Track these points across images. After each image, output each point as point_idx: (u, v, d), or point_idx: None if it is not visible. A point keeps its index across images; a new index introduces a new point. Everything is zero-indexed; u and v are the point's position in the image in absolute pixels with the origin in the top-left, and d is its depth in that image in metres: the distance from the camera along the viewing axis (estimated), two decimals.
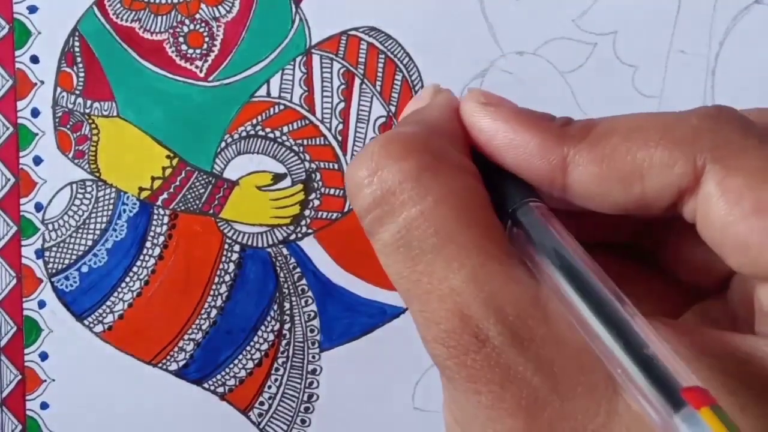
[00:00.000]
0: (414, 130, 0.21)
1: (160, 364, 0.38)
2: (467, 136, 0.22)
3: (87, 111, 0.38)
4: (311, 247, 0.38)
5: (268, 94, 0.38)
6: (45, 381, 0.39)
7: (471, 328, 0.18)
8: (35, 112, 0.38)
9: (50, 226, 0.39)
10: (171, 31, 0.38)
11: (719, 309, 0.22)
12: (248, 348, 0.38)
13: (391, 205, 0.19)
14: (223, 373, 0.38)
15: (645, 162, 0.19)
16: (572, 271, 0.19)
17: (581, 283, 0.18)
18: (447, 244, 0.19)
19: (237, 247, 0.38)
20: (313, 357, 0.38)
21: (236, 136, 0.38)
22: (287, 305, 0.38)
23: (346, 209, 0.38)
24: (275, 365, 0.39)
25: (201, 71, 0.38)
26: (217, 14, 0.38)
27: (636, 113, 0.21)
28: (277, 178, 0.38)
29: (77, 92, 0.38)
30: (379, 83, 0.38)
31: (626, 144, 0.19)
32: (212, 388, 0.39)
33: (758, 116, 0.20)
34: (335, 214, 0.38)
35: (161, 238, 0.38)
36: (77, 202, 0.38)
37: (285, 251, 0.38)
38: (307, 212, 0.38)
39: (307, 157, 0.38)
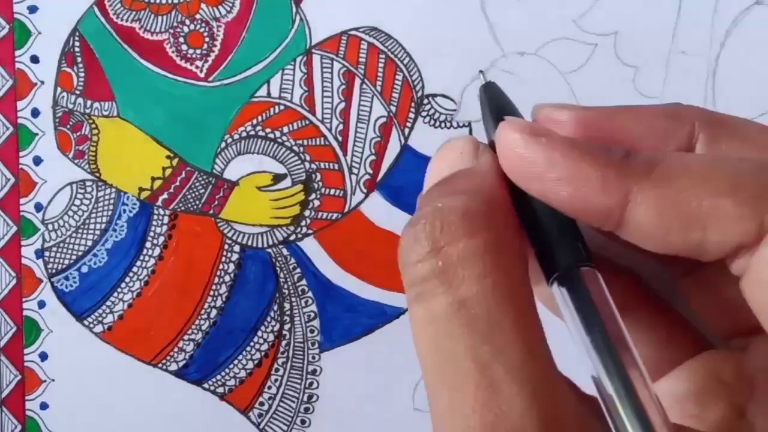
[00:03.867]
0: (478, 205, 0.20)
1: (160, 365, 0.38)
2: (508, 185, 0.21)
3: (87, 111, 0.38)
4: (311, 247, 0.38)
5: (269, 95, 0.38)
6: (45, 381, 0.39)
7: (506, 426, 0.18)
8: (35, 112, 0.38)
9: (50, 226, 0.39)
10: (171, 31, 0.38)
11: (730, 367, 0.22)
12: (248, 348, 0.38)
13: (449, 279, 0.19)
14: (223, 374, 0.38)
15: (712, 211, 0.18)
16: (611, 358, 0.19)
17: (617, 371, 0.18)
18: (494, 331, 0.18)
19: (237, 248, 0.38)
20: (313, 357, 0.38)
21: (236, 137, 0.38)
22: (287, 306, 0.38)
23: (346, 209, 0.38)
24: (275, 365, 0.38)
25: (201, 71, 0.38)
26: (218, 14, 0.38)
27: (708, 155, 0.20)
28: (277, 178, 0.38)
29: (77, 92, 0.38)
30: (379, 83, 0.38)
31: (694, 189, 0.19)
32: (212, 388, 0.39)
33: None
34: (335, 215, 0.38)
35: (161, 239, 0.38)
36: (77, 202, 0.38)
37: (285, 251, 0.38)
38: (307, 212, 0.38)
39: (308, 158, 0.38)
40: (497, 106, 0.24)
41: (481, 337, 0.18)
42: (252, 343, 0.38)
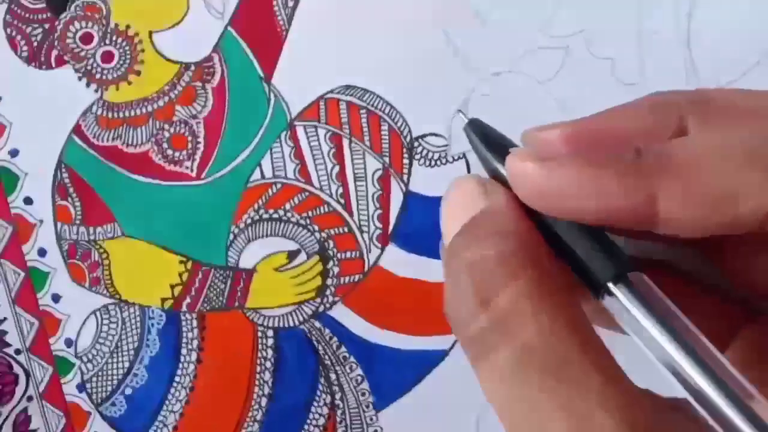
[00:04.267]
0: (511, 245, 0.20)
1: None
2: (534, 225, 0.21)
3: (92, 238, 0.38)
4: (342, 313, 0.38)
5: (263, 176, 0.38)
6: None
7: None
8: (42, 252, 0.39)
9: (84, 358, 0.39)
10: (153, 139, 0.38)
11: None
12: (306, 427, 0.38)
13: (506, 330, 0.18)
14: None
15: (739, 186, 0.18)
16: (690, 348, 0.18)
17: (701, 362, 0.18)
18: (567, 366, 0.18)
19: (270, 332, 0.38)
20: (371, 419, 0.38)
21: (242, 225, 0.38)
22: (333, 376, 0.38)
23: (366, 269, 0.38)
24: None
25: (192, 171, 0.38)
26: (194, 112, 0.38)
27: (711, 135, 0.20)
28: (292, 255, 0.38)
29: (78, 222, 0.38)
30: (367, 138, 0.38)
31: (716, 170, 0.19)
32: None
33: None
34: (357, 276, 0.38)
35: (195, 342, 0.38)
36: (105, 328, 0.39)
37: (318, 324, 0.38)
38: (329, 281, 0.38)
39: (316, 228, 0.38)
40: (489, 140, 0.25)
41: (556, 376, 0.18)
42: (308, 421, 0.38)
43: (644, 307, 0.19)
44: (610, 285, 0.20)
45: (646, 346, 0.19)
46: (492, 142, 0.24)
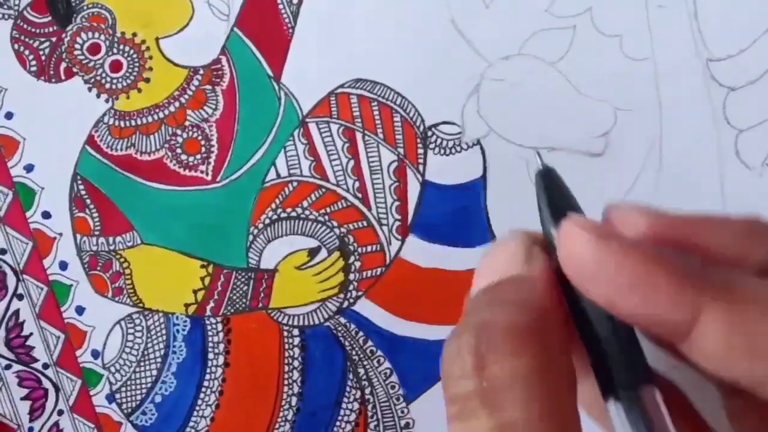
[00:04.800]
0: (527, 320, 0.19)
1: None
2: (563, 289, 0.20)
3: (112, 248, 0.38)
4: (366, 307, 0.38)
5: (278, 176, 0.38)
6: None
7: None
8: (63, 265, 0.39)
9: (112, 369, 0.39)
10: (167, 145, 0.38)
11: None
12: (338, 424, 0.38)
13: (492, 402, 0.18)
14: None
15: None
16: None
17: None
18: None
19: (296, 331, 0.38)
20: (402, 412, 0.38)
21: (261, 226, 0.38)
22: (361, 371, 0.38)
23: (387, 261, 0.38)
24: (368, 431, 0.38)
25: (207, 174, 0.38)
26: (205, 115, 0.38)
27: None
28: (313, 252, 0.38)
29: (97, 233, 0.38)
30: (380, 130, 0.38)
31: (766, 321, 0.17)
32: None
33: None
34: (379, 269, 0.38)
35: (221, 346, 0.38)
36: (130, 337, 0.39)
37: (343, 320, 0.38)
38: (351, 276, 0.38)
39: (335, 224, 0.38)
40: (557, 198, 0.22)
41: None
42: (340, 417, 0.38)
43: (638, 427, 0.19)
44: (616, 400, 0.19)
45: None
46: (559, 202, 0.22)
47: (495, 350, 0.18)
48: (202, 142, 0.38)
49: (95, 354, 0.39)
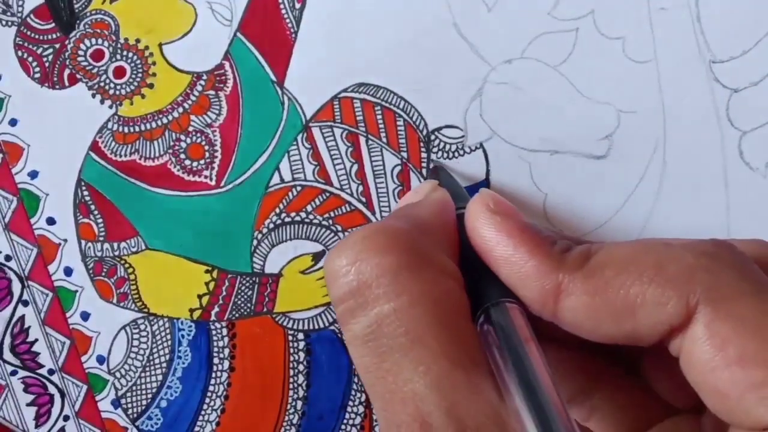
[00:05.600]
0: (400, 225, 0.20)
1: None
2: (456, 233, 0.22)
3: (116, 254, 0.39)
4: None
5: (282, 180, 0.38)
6: None
7: None
8: (68, 271, 0.39)
9: (117, 374, 0.39)
10: (170, 151, 0.38)
11: (690, 427, 0.22)
12: (343, 427, 0.38)
13: (365, 298, 0.19)
14: None
15: (638, 298, 0.19)
16: (526, 378, 0.19)
17: (532, 392, 0.18)
18: (415, 346, 0.18)
19: (301, 335, 0.38)
20: None
21: (265, 230, 0.38)
22: None
23: None
24: None
25: (211, 180, 0.38)
26: (209, 121, 0.38)
27: (633, 242, 0.20)
28: (317, 257, 0.38)
29: (101, 239, 0.39)
30: (383, 135, 0.38)
31: (620, 278, 0.19)
32: None
33: (758, 250, 0.20)
34: None
35: (226, 351, 0.39)
36: (135, 342, 0.39)
37: None
38: None
39: (339, 228, 0.38)
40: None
41: (403, 354, 0.19)
42: (345, 420, 0.38)
43: (501, 336, 0.20)
44: (483, 314, 0.21)
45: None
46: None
47: (366, 249, 0.19)
48: (206, 148, 0.38)
49: (101, 359, 0.39)
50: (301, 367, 0.38)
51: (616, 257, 0.20)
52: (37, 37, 0.39)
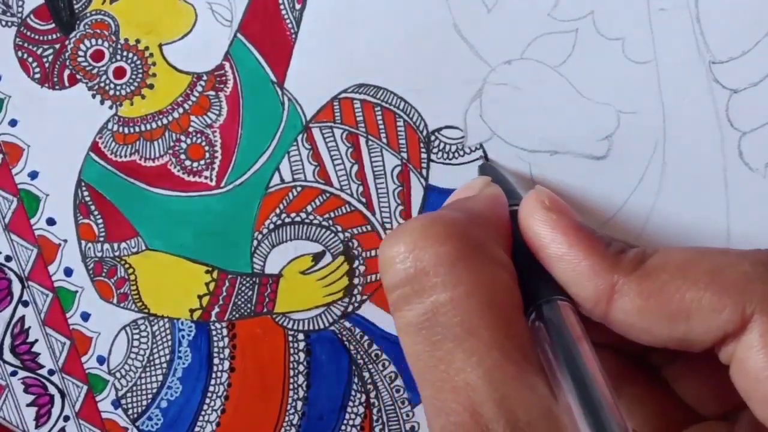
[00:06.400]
0: (456, 216, 0.21)
1: None
2: (510, 229, 0.22)
3: (116, 254, 0.39)
4: (371, 311, 0.38)
5: (282, 181, 0.38)
6: None
7: (480, 426, 0.18)
8: (68, 271, 0.39)
9: (117, 374, 0.39)
10: (170, 151, 0.38)
11: None
12: (343, 428, 0.38)
13: (422, 286, 0.19)
14: None
15: (693, 303, 0.19)
16: (579, 377, 0.19)
17: (585, 390, 0.19)
18: (470, 337, 0.19)
19: (301, 336, 0.38)
20: (407, 416, 0.38)
21: (265, 231, 0.38)
22: (366, 374, 0.38)
23: None
24: None
25: (212, 180, 0.38)
26: (209, 121, 0.38)
27: (689, 248, 0.20)
28: (317, 257, 0.38)
29: (101, 239, 0.39)
30: (383, 135, 0.38)
31: (675, 283, 0.19)
32: None
33: None
34: None
35: (227, 351, 0.39)
36: (135, 343, 0.39)
37: (348, 324, 0.38)
38: (356, 280, 0.38)
39: (339, 229, 0.38)
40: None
41: (456, 344, 0.19)
42: (345, 421, 0.39)
43: (553, 333, 0.20)
44: (536, 309, 0.21)
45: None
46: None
47: (424, 237, 0.20)
48: (206, 148, 0.38)
49: (101, 360, 0.39)
50: (301, 368, 0.38)
51: (672, 261, 0.20)
52: (37, 37, 0.39)
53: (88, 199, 0.39)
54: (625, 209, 0.37)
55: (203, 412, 0.39)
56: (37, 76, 0.39)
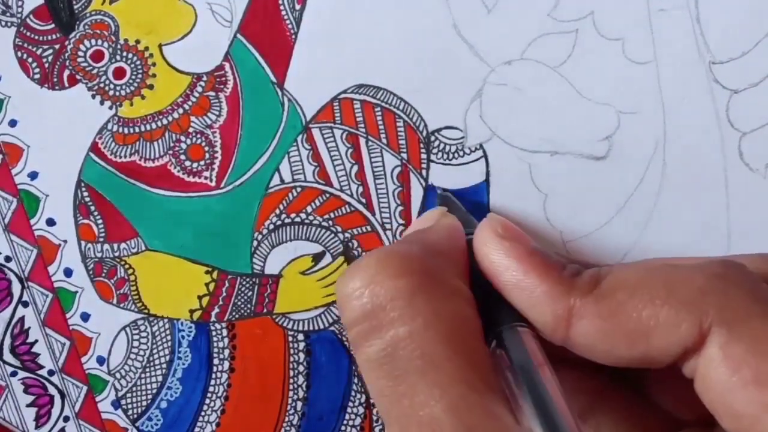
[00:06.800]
0: (412, 249, 0.20)
1: None
2: (467, 258, 0.22)
3: (116, 254, 0.39)
4: None
5: (282, 181, 0.38)
6: None
7: None
8: (68, 272, 0.39)
9: (117, 375, 0.39)
10: (170, 152, 0.38)
11: None
12: (343, 428, 0.38)
13: (379, 321, 0.19)
14: None
15: (651, 321, 0.19)
16: (541, 403, 0.19)
17: (547, 416, 0.18)
18: (431, 369, 0.18)
19: (301, 336, 0.38)
20: None
21: (265, 231, 0.38)
22: None
23: None
24: None
25: (211, 180, 0.38)
26: (209, 122, 0.38)
27: (642, 263, 0.21)
28: (317, 258, 0.38)
29: (101, 240, 0.39)
30: (383, 136, 0.38)
31: (632, 301, 0.19)
32: None
33: (764, 266, 0.20)
34: None
35: (226, 351, 0.39)
36: (135, 343, 0.39)
37: None
38: None
39: (339, 229, 0.38)
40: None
41: (418, 377, 0.18)
42: (345, 421, 0.39)
43: (514, 358, 0.20)
44: (495, 336, 0.21)
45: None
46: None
47: (379, 272, 0.20)
48: (206, 149, 0.38)
49: (101, 360, 0.39)
50: (301, 368, 0.38)
51: (627, 280, 0.20)
52: (36, 37, 0.39)
53: (87, 199, 0.39)
54: (625, 210, 0.37)
55: (203, 413, 0.39)
56: (37, 76, 0.39)
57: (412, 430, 0.18)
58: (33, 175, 0.39)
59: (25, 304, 0.39)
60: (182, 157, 0.38)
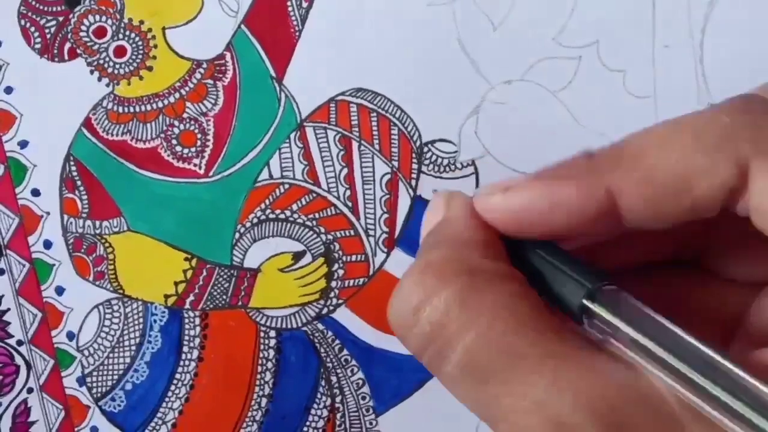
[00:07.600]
0: (442, 254, 0.20)
1: None
2: (497, 237, 0.21)
3: (98, 232, 0.38)
4: (345, 316, 0.38)
5: (271, 176, 0.38)
6: None
7: None
8: (47, 244, 0.39)
9: (86, 352, 0.39)
10: (162, 135, 0.38)
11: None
12: (305, 429, 0.38)
13: (444, 339, 0.18)
14: None
15: (689, 172, 0.19)
16: (679, 349, 0.18)
17: (693, 358, 0.18)
18: (515, 360, 0.18)
19: (273, 333, 0.38)
20: (371, 424, 0.38)
21: (248, 225, 0.38)
22: (334, 378, 0.38)
23: (371, 272, 0.38)
24: None
25: (200, 168, 0.38)
26: (204, 109, 0.38)
27: (659, 123, 0.20)
28: (297, 256, 0.38)
29: (84, 215, 0.38)
30: (376, 142, 0.38)
31: (663, 159, 0.19)
32: None
33: None
34: (361, 280, 0.38)
35: (197, 340, 0.38)
36: (107, 322, 0.38)
37: (320, 326, 0.38)
38: (333, 284, 0.38)
39: (322, 230, 0.38)
40: None
41: (508, 372, 0.18)
42: (308, 423, 0.38)
43: (626, 323, 0.19)
44: (587, 303, 0.19)
45: (643, 361, 0.19)
46: None
47: (423, 294, 0.19)
48: (198, 136, 0.38)
49: (70, 336, 0.39)
50: (269, 365, 0.38)
51: (650, 140, 0.19)
52: (42, 7, 0.39)
53: (75, 174, 0.38)
54: None
55: (167, 399, 0.38)
56: (38, 46, 0.39)
57: (523, 421, 0.18)
58: (23, 144, 0.39)
59: (1, 272, 0.39)
60: (173, 141, 0.38)
